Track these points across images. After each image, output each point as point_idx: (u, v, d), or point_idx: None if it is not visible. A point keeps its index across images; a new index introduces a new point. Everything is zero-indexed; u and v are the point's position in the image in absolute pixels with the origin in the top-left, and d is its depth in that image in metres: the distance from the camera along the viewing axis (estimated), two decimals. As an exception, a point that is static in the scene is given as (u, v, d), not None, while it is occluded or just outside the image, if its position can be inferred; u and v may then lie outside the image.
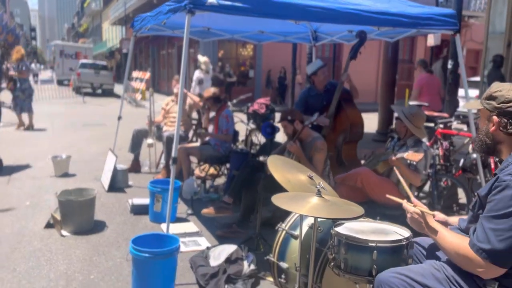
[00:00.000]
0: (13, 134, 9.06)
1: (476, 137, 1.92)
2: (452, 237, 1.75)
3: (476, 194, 1.79)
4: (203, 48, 17.96)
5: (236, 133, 5.69)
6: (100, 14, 47.37)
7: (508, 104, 1.73)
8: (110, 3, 39.10)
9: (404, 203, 1.99)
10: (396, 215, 3.34)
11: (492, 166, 4.55)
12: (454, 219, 2.05)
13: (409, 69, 22.79)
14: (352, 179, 3.86)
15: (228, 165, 5.45)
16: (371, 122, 9.17)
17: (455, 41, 4.29)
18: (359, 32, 4.36)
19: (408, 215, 1.93)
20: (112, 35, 40.41)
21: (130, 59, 6.18)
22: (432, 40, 10.13)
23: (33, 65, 30.71)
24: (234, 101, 7.64)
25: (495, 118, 1.76)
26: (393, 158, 3.52)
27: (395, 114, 3.78)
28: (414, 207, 1.93)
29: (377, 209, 3.71)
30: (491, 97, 1.78)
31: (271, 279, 3.00)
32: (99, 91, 22.11)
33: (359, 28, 4.35)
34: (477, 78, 10.74)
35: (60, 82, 25.02)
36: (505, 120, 1.73)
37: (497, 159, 1.84)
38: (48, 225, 4.01)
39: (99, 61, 28.05)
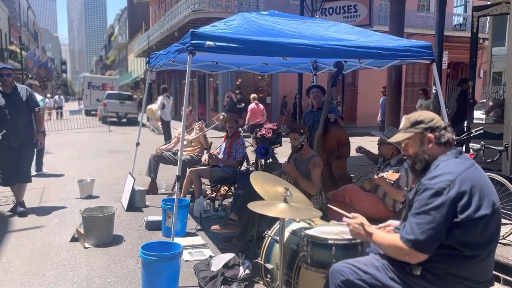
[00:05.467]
0: (45, 162, 9.79)
1: (414, 159, 2.21)
2: (385, 235, 2.17)
3: (407, 197, 2.21)
4: (222, 77, 18.79)
5: (246, 157, 6.23)
6: (126, 47, 49.64)
7: (434, 121, 2.16)
8: (135, 36, 41.05)
9: (345, 219, 2.33)
10: (381, 227, 3.75)
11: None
12: None
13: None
14: (341, 195, 4.29)
15: (236, 185, 5.94)
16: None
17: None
18: (337, 62, 4.89)
19: (350, 227, 2.27)
20: (137, 66, 42.19)
21: (147, 91, 6.84)
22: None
23: (56, 97, 29.39)
24: (245, 127, 8.19)
25: (430, 135, 2.17)
26: (376, 177, 3.94)
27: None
28: (353, 219, 2.27)
29: (364, 221, 4.10)
30: (417, 122, 2.18)
31: (263, 281, 3.42)
32: (124, 120, 23.07)
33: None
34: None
35: (87, 113, 26.13)
36: (437, 134, 2.15)
37: None
38: (73, 239, 4.56)
39: (124, 91, 29.20)
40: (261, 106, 12.39)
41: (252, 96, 12.81)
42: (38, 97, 8.72)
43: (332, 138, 5.04)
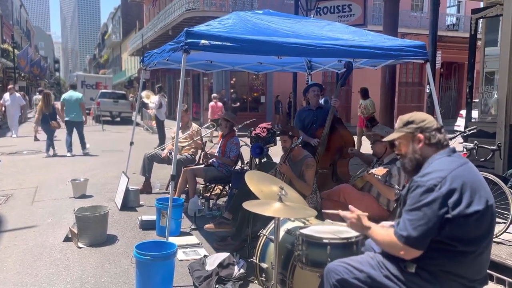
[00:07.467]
0: (39, 161, 9.75)
1: (405, 159, 2.25)
2: (381, 229, 2.19)
3: (401, 194, 2.23)
4: (216, 76, 18.75)
5: (240, 156, 6.21)
6: (120, 45, 49.37)
7: (424, 122, 2.20)
8: (129, 35, 40.85)
9: (341, 212, 2.37)
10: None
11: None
12: None
13: (419, 92, 23.18)
14: (336, 195, 4.29)
15: (231, 184, 5.93)
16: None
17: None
18: (347, 62, 4.89)
19: (348, 221, 2.31)
20: (131, 65, 41.99)
21: (141, 90, 6.81)
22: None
23: (35, 97, 23.90)
24: (239, 126, 8.16)
25: (420, 135, 2.20)
26: (366, 174, 3.97)
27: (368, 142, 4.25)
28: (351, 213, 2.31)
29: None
30: (408, 122, 2.23)
31: (257, 281, 3.41)
32: (118, 119, 22.97)
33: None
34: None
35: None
36: (427, 134, 2.18)
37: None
38: (67, 239, 4.53)
39: (118, 90, 29.05)
40: (219, 103, 13.99)
41: (213, 95, 14.55)
42: (78, 94, 10.37)
43: (340, 138, 5.05)
